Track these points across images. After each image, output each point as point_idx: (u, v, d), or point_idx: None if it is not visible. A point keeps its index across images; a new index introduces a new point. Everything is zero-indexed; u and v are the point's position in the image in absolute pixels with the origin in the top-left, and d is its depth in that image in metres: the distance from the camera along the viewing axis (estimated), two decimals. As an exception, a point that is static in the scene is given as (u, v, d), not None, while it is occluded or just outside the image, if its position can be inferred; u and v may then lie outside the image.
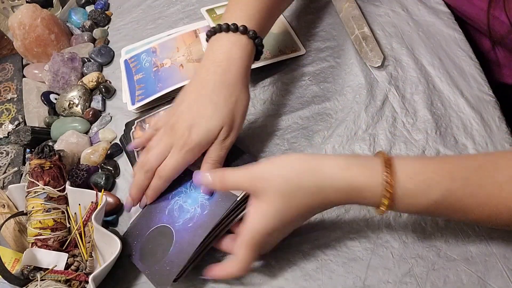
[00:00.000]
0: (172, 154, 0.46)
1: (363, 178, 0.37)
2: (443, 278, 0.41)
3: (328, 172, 0.38)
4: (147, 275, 0.45)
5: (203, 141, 0.46)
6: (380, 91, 0.56)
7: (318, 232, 0.46)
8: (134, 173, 0.49)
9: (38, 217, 0.48)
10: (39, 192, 0.49)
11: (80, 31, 0.79)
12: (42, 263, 0.46)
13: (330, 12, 0.67)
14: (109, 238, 0.45)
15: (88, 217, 0.49)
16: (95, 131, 0.63)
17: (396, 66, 0.58)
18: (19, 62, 0.78)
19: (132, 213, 0.51)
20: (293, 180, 0.38)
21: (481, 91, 0.53)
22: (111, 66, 0.73)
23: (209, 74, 0.47)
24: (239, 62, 0.47)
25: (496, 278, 0.40)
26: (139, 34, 0.75)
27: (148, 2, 0.80)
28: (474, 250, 0.42)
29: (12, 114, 0.71)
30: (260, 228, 0.39)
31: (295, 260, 0.45)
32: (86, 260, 0.47)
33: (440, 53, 0.58)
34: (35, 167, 0.50)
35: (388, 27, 0.62)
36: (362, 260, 0.44)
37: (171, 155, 0.47)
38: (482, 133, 0.50)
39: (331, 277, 0.43)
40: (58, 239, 0.48)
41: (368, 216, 0.46)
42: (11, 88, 0.74)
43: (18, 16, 0.70)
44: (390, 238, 0.44)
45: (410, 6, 0.64)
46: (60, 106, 0.65)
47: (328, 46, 0.63)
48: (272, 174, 0.39)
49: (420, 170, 0.36)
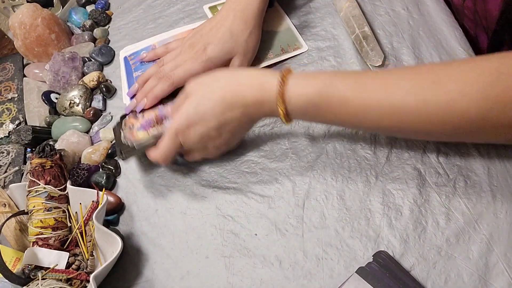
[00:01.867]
0: (186, 63, 0.55)
1: (267, 74, 0.45)
2: (444, 277, 0.41)
3: (241, 73, 0.47)
4: None
5: (217, 58, 0.55)
6: (381, 90, 0.56)
7: (319, 231, 0.46)
8: (143, 80, 0.59)
9: (39, 216, 0.48)
10: (40, 191, 0.49)
11: (80, 31, 0.79)
12: (43, 262, 0.46)
13: (330, 11, 0.67)
14: (110, 237, 0.45)
15: (89, 216, 0.49)
16: (96, 131, 0.63)
17: (396, 65, 0.58)
18: (19, 62, 0.78)
19: (132, 213, 0.51)
20: (211, 76, 0.48)
21: (481, 90, 0.53)
22: (112, 65, 0.73)
23: (229, 10, 0.56)
24: (256, 4, 0.56)
25: (497, 277, 0.40)
26: (139, 33, 0.75)
27: (148, 2, 0.80)
28: (475, 249, 0.42)
29: (12, 113, 0.71)
30: (180, 119, 0.47)
31: (297, 259, 0.45)
32: (87, 259, 0.47)
33: (441, 52, 0.58)
34: (36, 166, 0.50)
35: (388, 26, 0.62)
36: (363, 259, 0.44)
37: (185, 63, 0.55)
38: (483, 132, 0.50)
39: (332, 275, 0.43)
40: (59, 238, 0.48)
41: (369, 215, 0.46)
42: (12, 87, 0.74)
43: (19, 15, 0.70)
44: (391, 237, 0.44)
45: (410, 5, 0.64)
46: (61, 106, 0.65)
47: (328, 45, 0.63)
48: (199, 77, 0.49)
49: (308, 74, 0.44)
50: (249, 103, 0.45)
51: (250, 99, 0.45)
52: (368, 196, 0.48)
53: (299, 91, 0.43)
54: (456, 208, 0.45)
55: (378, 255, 0.43)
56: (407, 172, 0.48)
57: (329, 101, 0.42)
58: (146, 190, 0.55)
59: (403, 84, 0.39)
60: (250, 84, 0.45)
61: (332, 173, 0.50)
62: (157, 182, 0.56)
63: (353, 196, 0.48)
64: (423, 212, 0.45)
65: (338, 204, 0.48)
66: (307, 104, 0.43)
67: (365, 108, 0.40)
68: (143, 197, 0.55)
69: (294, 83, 0.43)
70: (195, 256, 0.48)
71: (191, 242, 0.49)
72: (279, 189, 0.51)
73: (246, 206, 0.50)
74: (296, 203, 0.49)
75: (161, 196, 0.54)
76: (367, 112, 0.40)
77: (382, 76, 0.41)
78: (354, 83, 0.41)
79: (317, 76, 0.43)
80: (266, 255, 0.46)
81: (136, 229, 0.52)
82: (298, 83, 0.43)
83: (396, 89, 0.39)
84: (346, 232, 0.46)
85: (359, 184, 0.49)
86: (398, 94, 0.39)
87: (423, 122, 0.38)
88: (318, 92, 0.42)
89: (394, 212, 0.46)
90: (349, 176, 0.50)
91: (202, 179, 0.54)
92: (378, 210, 0.46)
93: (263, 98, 0.44)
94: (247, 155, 0.54)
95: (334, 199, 0.48)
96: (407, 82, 0.39)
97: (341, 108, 0.41)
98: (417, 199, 0.46)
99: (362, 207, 0.47)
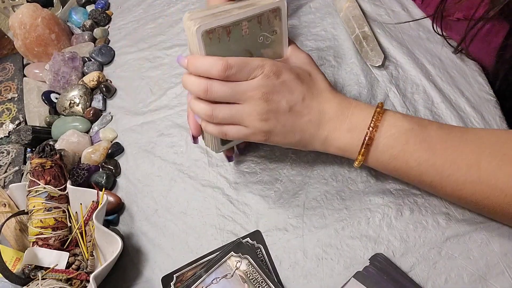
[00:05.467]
0: (246, 129, 0.41)
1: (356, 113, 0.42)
2: (444, 277, 0.41)
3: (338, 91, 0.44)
4: None
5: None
6: (381, 90, 0.56)
7: (319, 231, 0.46)
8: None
9: (39, 216, 0.48)
10: (40, 191, 0.49)
11: (80, 31, 0.79)
12: (43, 262, 0.46)
13: (331, 11, 0.67)
14: (110, 237, 0.45)
15: (89, 216, 0.49)
16: (96, 131, 0.63)
17: (396, 66, 0.58)
18: (19, 62, 0.78)
19: (132, 213, 0.51)
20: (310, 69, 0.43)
21: (481, 91, 0.53)
22: (112, 65, 0.73)
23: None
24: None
25: (497, 277, 0.40)
26: (139, 33, 0.75)
27: (148, 1, 0.80)
28: (475, 249, 0.42)
29: (12, 113, 0.71)
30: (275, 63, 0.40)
31: (297, 259, 0.45)
32: (87, 259, 0.47)
33: (440, 52, 0.58)
34: (36, 166, 0.50)
35: (388, 27, 0.62)
36: (363, 259, 0.44)
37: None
38: (483, 132, 0.50)
39: (332, 275, 0.43)
40: (59, 238, 0.48)
41: (369, 215, 0.46)
42: (12, 87, 0.74)
43: (19, 15, 0.70)
44: (392, 237, 0.44)
45: (410, 6, 0.64)
46: (61, 106, 0.65)
47: (328, 45, 0.63)
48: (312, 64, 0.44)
49: (404, 124, 0.40)
50: (337, 111, 0.42)
51: (341, 109, 0.42)
52: (368, 196, 0.48)
53: (393, 121, 0.40)
54: (456, 208, 0.45)
55: (375, 258, 0.43)
56: (407, 172, 0.48)
57: (418, 144, 0.40)
58: (146, 190, 0.55)
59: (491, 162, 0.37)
60: (349, 99, 0.43)
61: (332, 173, 0.50)
62: (157, 182, 0.56)
63: (353, 196, 0.48)
64: (423, 212, 0.45)
65: (338, 204, 0.48)
66: (395, 139, 0.40)
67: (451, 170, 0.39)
68: (143, 197, 0.55)
69: (390, 114, 0.41)
70: (195, 256, 0.48)
71: (191, 242, 0.49)
72: (279, 189, 0.51)
73: (246, 206, 0.50)
74: (296, 203, 0.49)
75: (161, 196, 0.54)
76: (443, 184, 0.40)
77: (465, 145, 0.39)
78: (446, 134, 0.40)
79: (412, 117, 0.41)
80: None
81: (136, 229, 0.52)
82: (394, 115, 0.41)
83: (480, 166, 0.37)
84: (346, 232, 0.46)
85: (359, 184, 0.49)
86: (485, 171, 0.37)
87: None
88: (411, 129, 0.40)
89: (394, 212, 0.46)
90: (349, 176, 0.50)
91: (202, 179, 0.54)
92: (378, 210, 0.46)
93: (353, 113, 0.42)
94: (247, 155, 0.54)
95: (334, 199, 0.48)
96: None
97: (429, 157, 0.40)
98: (417, 199, 0.46)
99: (362, 207, 0.47)
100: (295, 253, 0.46)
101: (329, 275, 0.44)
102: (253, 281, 0.43)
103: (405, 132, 0.40)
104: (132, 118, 0.64)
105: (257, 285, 0.43)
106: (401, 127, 0.40)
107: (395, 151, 0.40)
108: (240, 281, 0.43)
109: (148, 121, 0.63)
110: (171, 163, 0.57)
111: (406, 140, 0.40)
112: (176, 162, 0.57)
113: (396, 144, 0.40)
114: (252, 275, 0.43)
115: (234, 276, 0.44)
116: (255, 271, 0.44)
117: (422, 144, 0.39)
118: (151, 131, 0.61)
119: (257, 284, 0.43)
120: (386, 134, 0.40)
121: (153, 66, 0.70)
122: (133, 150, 0.60)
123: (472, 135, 0.40)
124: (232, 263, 0.45)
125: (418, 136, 0.40)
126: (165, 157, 0.58)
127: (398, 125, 0.40)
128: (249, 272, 0.44)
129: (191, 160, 0.56)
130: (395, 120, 0.41)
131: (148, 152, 0.59)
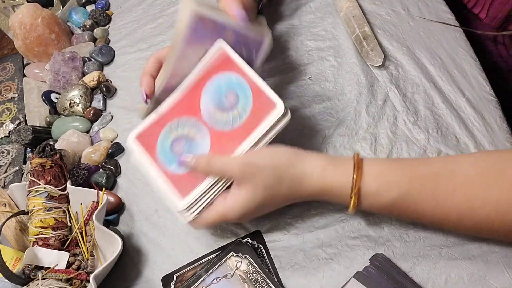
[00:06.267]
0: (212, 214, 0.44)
1: (336, 178, 0.41)
2: (444, 277, 0.41)
3: (308, 169, 0.41)
4: None
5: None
6: (381, 90, 0.56)
7: (319, 232, 0.46)
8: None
9: (39, 216, 0.48)
10: (40, 191, 0.49)
11: (80, 31, 0.79)
12: (44, 262, 0.46)
13: (331, 11, 0.67)
14: (110, 237, 0.45)
15: (89, 216, 0.49)
16: (96, 130, 0.63)
17: (397, 66, 0.58)
18: (19, 62, 0.78)
19: (132, 213, 0.51)
20: (277, 171, 0.41)
21: (482, 91, 0.53)
22: (112, 65, 0.73)
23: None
24: None
25: (497, 277, 0.40)
26: (139, 33, 0.75)
27: (148, 1, 0.80)
28: (475, 249, 0.42)
29: (13, 113, 0.71)
30: (236, 211, 0.42)
31: (297, 259, 0.45)
32: (87, 259, 0.47)
33: (441, 53, 0.58)
34: (36, 166, 0.50)
35: (388, 27, 0.62)
36: (363, 259, 0.44)
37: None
38: (484, 133, 0.50)
39: (332, 275, 0.43)
40: (59, 238, 0.48)
41: (369, 215, 0.46)
42: (12, 87, 0.74)
43: (19, 15, 0.70)
44: (392, 237, 0.44)
45: (411, 5, 0.64)
46: (61, 106, 0.65)
47: (328, 45, 0.63)
48: (265, 161, 0.41)
49: (384, 172, 0.40)
50: (314, 199, 0.43)
51: (317, 199, 0.43)
52: (369, 196, 0.48)
53: (374, 199, 0.40)
54: (456, 208, 0.45)
55: (375, 258, 0.43)
56: (408, 172, 0.48)
57: (403, 210, 0.40)
58: (146, 190, 0.55)
59: (487, 196, 0.37)
60: (320, 188, 0.41)
61: (332, 173, 0.50)
62: (157, 182, 0.56)
63: (354, 196, 0.48)
64: (423, 212, 0.45)
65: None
66: (379, 209, 0.41)
67: (442, 219, 0.39)
68: (143, 197, 0.55)
69: (368, 190, 0.40)
70: (195, 256, 0.48)
71: (191, 242, 0.49)
72: (280, 189, 0.51)
73: (246, 206, 0.50)
74: (296, 204, 0.49)
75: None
76: (443, 222, 0.40)
77: (463, 183, 0.38)
78: (425, 190, 0.39)
79: (390, 185, 0.39)
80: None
81: (136, 229, 0.52)
82: (372, 189, 0.40)
83: (479, 202, 0.37)
84: (346, 232, 0.46)
85: (360, 184, 0.49)
86: (482, 208, 0.37)
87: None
88: (393, 201, 0.39)
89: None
90: (350, 176, 0.50)
91: (202, 179, 0.54)
92: (379, 210, 0.46)
93: (333, 199, 0.43)
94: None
95: (335, 199, 0.48)
96: (490, 193, 0.36)
97: (413, 214, 0.40)
98: (417, 199, 0.46)
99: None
100: (295, 253, 0.46)
101: (329, 275, 0.44)
102: (253, 281, 0.43)
103: (389, 205, 0.40)
104: (132, 118, 0.64)
105: (257, 285, 0.43)
106: (382, 203, 0.40)
107: (385, 201, 0.40)
108: (240, 281, 0.43)
109: (148, 121, 0.63)
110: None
111: (391, 210, 0.41)
112: (176, 162, 0.57)
113: (385, 194, 0.40)
114: (252, 275, 0.43)
115: (234, 276, 0.44)
116: (255, 271, 0.44)
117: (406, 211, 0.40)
118: (151, 131, 0.61)
119: (257, 284, 0.43)
120: (370, 192, 0.40)
121: (153, 66, 0.70)
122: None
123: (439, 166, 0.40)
124: (232, 263, 0.45)
125: (401, 187, 0.39)
126: (165, 157, 0.58)
127: (378, 201, 0.40)
128: (249, 272, 0.44)
129: (191, 160, 0.56)
130: (374, 176, 0.40)
131: (148, 152, 0.59)
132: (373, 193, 0.40)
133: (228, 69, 0.45)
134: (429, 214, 0.39)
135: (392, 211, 0.41)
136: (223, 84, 0.45)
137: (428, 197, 0.38)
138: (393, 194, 0.39)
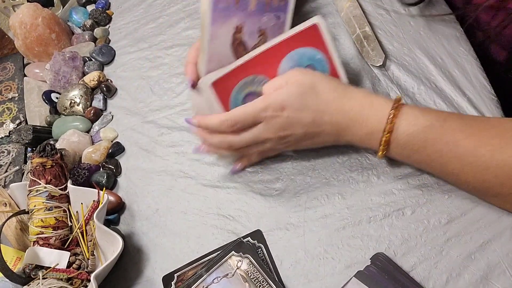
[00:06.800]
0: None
1: (378, 97, 0.44)
2: (445, 277, 0.41)
3: (348, 90, 0.44)
4: None
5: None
6: (382, 90, 0.56)
7: (320, 231, 0.46)
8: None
9: (40, 215, 0.48)
10: (40, 190, 0.49)
11: (81, 30, 0.79)
12: (44, 262, 0.46)
13: (331, 11, 0.67)
14: (111, 237, 0.45)
15: (90, 216, 0.49)
16: (97, 130, 0.63)
17: (397, 65, 0.58)
18: (20, 62, 0.78)
19: (133, 213, 0.51)
20: (319, 77, 0.44)
21: (483, 90, 0.53)
22: (112, 65, 0.73)
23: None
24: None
25: (498, 277, 0.40)
26: (140, 33, 0.75)
27: (149, 1, 0.80)
28: (476, 249, 0.42)
29: (13, 113, 0.71)
30: (279, 95, 0.43)
31: (298, 258, 0.45)
32: (88, 259, 0.47)
33: (442, 52, 0.58)
34: (37, 165, 0.50)
35: (389, 27, 0.62)
36: (364, 259, 0.43)
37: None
38: (484, 132, 0.50)
39: (333, 275, 0.43)
40: (60, 238, 0.48)
41: (370, 214, 0.46)
42: (12, 87, 0.74)
43: (19, 15, 0.70)
44: (393, 237, 0.44)
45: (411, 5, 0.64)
46: (62, 105, 0.65)
47: (329, 45, 0.63)
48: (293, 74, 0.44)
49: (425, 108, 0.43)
50: (352, 118, 0.43)
51: (354, 115, 0.43)
52: (370, 195, 0.48)
53: (411, 119, 0.41)
54: (458, 208, 0.45)
55: (376, 258, 0.43)
56: (409, 171, 0.48)
57: (439, 138, 0.40)
58: (147, 190, 0.55)
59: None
60: (361, 100, 0.43)
61: (333, 172, 0.50)
62: (158, 181, 0.56)
63: (355, 196, 0.48)
64: (424, 212, 0.45)
65: (339, 204, 0.48)
66: (414, 136, 0.41)
67: (473, 157, 0.39)
68: (143, 196, 0.55)
69: (407, 111, 0.42)
70: (196, 256, 0.48)
71: (192, 241, 0.49)
72: (280, 188, 0.51)
73: (247, 205, 0.50)
74: (297, 203, 0.49)
75: (162, 195, 0.54)
76: (472, 162, 0.39)
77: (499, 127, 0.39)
78: (466, 125, 0.40)
79: (430, 111, 0.42)
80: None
81: (136, 229, 0.52)
82: (411, 112, 0.41)
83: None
84: (347, 232, 0.46)
85: (361, 183, 0.49)
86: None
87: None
88: (430, 125, 0.40)
89: (396, 211, 0.46)
90: (351, 175, 0.50)
91: (203, 179, 0.54)
92: (380, 209, 0.46)
93: (369, 116, 0.43)
94: (248, 154, 0.54)
95: (335, 199, 0.48)
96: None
97: (450, 149, 0.40)
98: (419, 199, 0.46)
99: (364, 207, 0.47)
100: (296, 253, 0.46)
101: (330, 274, 0.44)
102: (254, 281, 0.43)
103: (424, 130, 0.41)
104: (132, 117, 0.64)
105: (258, 284, 0.43)
106: (419, 125, 0.41)
107: (415, 147, 0.42)
108: (241, 280, 0.43)
109: (149, 120, 0.63)
110: (171, 162, 0.57)
111: (425, 137, 0.41)
112: (177, 161, 0.57)
113: (416, 141, 0.41)
114: (253, 274, 0.43)
115: (235, 275, 0.44)
116: (256, 271, 0.44)
117: (442, 138, 0.40)
118: (151, 130, 0.61)
119: (258, 284, 0.43)
120: (403, 134, 0.42)
121: (153, 66, 0.70)
122: (134, 150, 0.60)
123: (494, 121, 0.41)
124: (233, 262, 0.45)
125: (438, 131, 0.40)
126: (166, 157, 0.58)
127: (415, 123, 0.41)
128: (250, 272, 0.44)
129: (192, 160, 0.56)
130: (412, 118, 0.41)
131: (149, 151, 0.59)
132: (413, 115, 0.41)
133: (316, 46, 0.47)
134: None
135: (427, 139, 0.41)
136: (306, 58, 0.47)
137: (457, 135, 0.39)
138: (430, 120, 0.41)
